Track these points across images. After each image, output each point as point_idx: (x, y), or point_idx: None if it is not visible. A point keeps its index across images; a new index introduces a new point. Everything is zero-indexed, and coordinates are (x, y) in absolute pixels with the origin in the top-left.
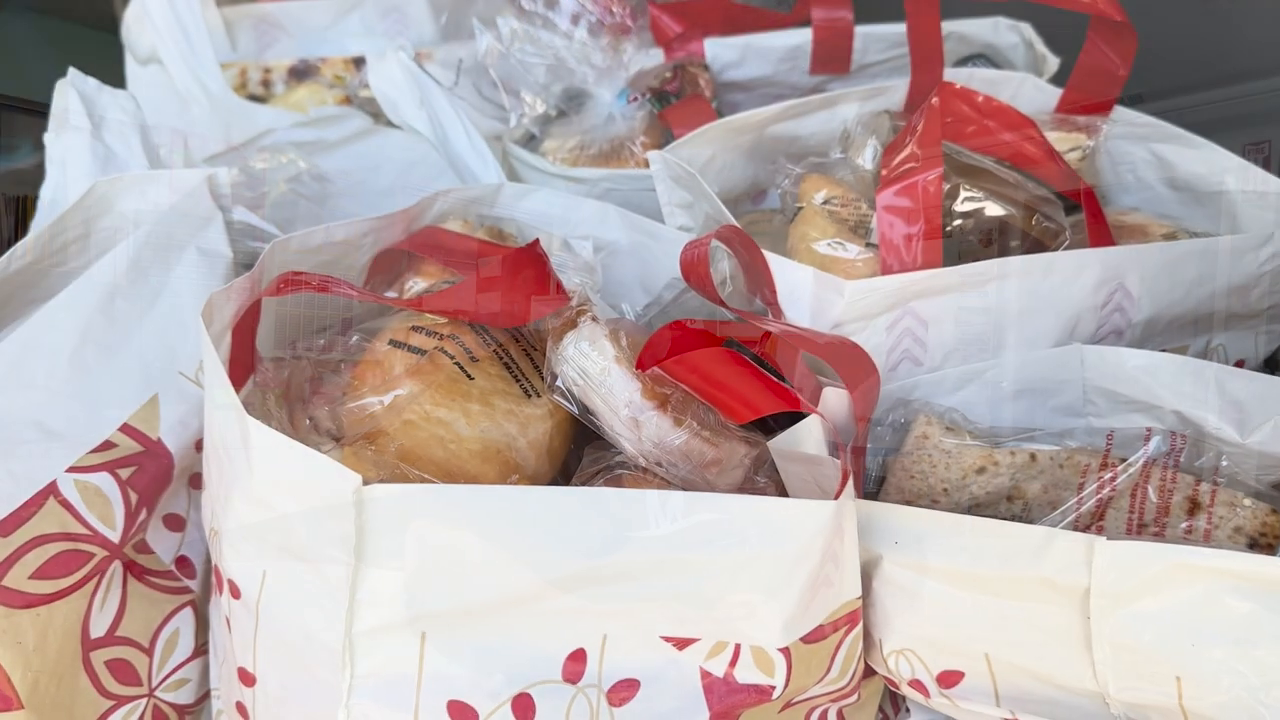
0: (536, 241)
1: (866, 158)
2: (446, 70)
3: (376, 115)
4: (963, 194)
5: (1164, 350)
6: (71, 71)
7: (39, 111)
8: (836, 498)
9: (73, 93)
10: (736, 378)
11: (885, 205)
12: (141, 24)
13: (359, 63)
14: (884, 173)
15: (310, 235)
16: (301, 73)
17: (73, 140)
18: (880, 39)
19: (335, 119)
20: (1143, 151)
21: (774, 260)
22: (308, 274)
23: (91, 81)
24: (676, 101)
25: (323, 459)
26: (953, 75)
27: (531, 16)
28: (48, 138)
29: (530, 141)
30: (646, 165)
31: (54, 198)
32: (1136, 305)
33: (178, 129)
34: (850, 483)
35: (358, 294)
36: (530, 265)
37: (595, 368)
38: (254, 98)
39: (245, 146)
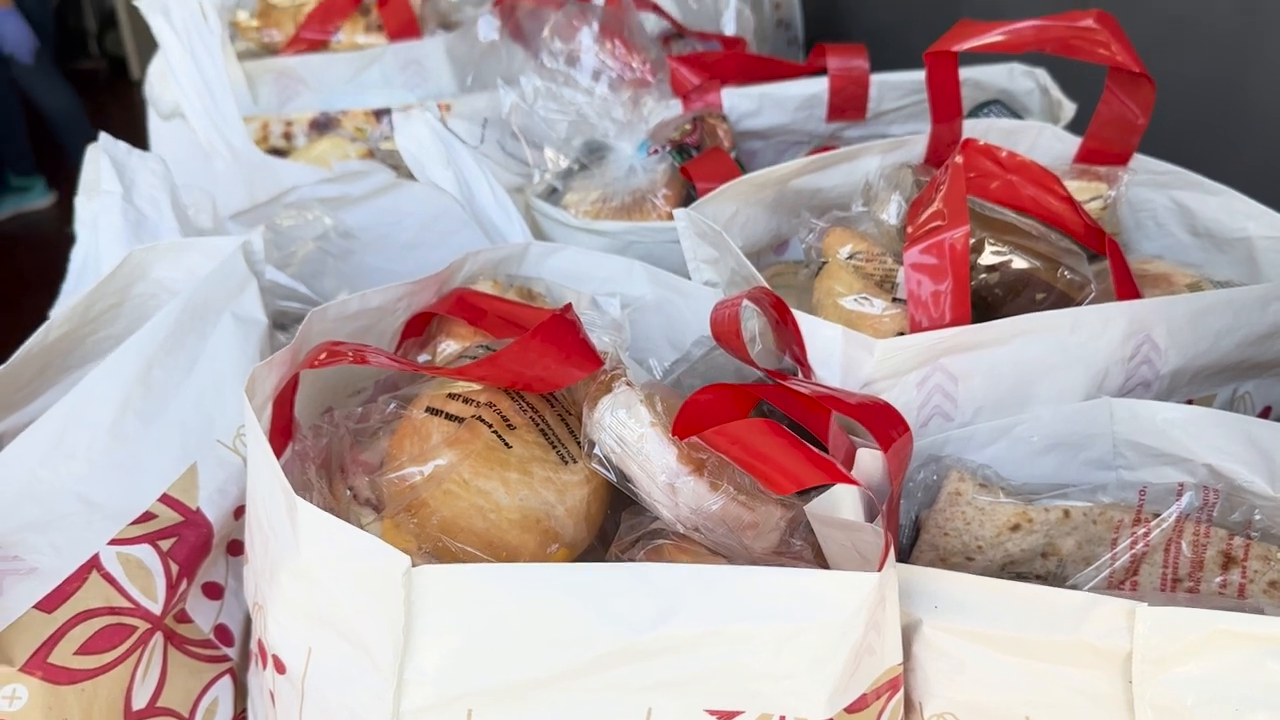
0: (569, 307)
1: (891, 213)
2: (471, 125)
3: (398, 167)
4: (988, 248)
5: (1192, 400)
6: (103, 136)
7: None
8: (880, 569)
9: (104, 157)
10: (777, 449)
11: (912, 263)
12: (165, 80)
13: (380, 115)
14: (910, 229)
15: (347, 303)
16: (323, 125)
17: (104, 204)
18: (896, 86)
19: (358, 174)
20: (1163, 198)
21: (803, 319)
22: (345, 344)
23: (122, 145)
24: (697, 154)
25: (372, 540)
26: (971, 126)
27: (553, 74)
28: (79, 201)
29: (552, 195)
30: (669, 217)
31: (85, 261)
32: (1163, 357)
33: (205, 189)
34: (892, 552)
35: (396, 364)
36: (563, 331)
37: (632, 435)
38: (276, 150)
39: (271, 204)
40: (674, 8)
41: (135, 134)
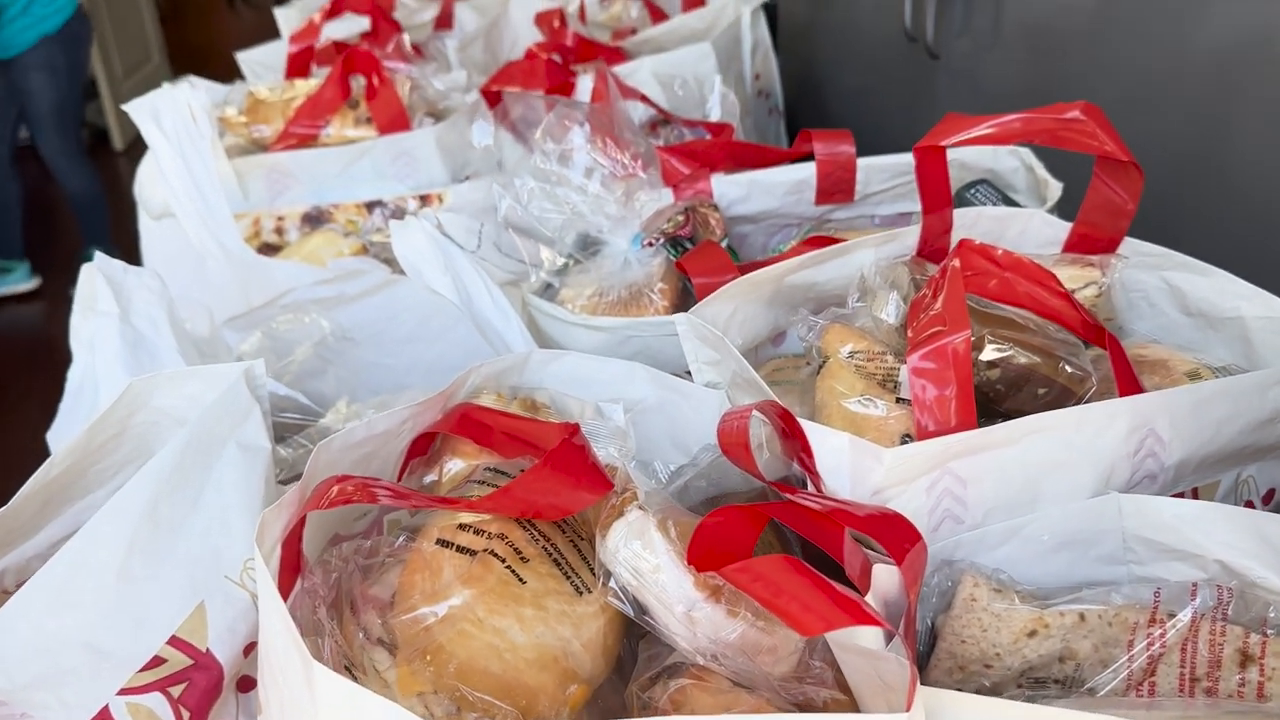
0: (576, 429)
1: (890, 312)
2: (468, 226)
3: (390, 261)
4: (988, 345)
5: (1197, 489)
6: (98, 256)
7: None
8: (908, 708)
9: (99, 277)
10: (802, 589)
11: (916, 368)
12: (154, 180)
13: (371, 206)
14: (911, 333)
15: (352, 432)
16: (315, 219)
17: (101, 325)
18: (882, 169)
19: (354, 274)
20: (1154, 279)
21: (810, 429)
22: (352, 479)
23: (117, 264)
24: (692, 248)
25: (396, 710)
26: (961, 215)
27: (547, 173)
28: (75, 320)
29: (547, 290)
30: (666, 312)
31: (82, 382)
32: (1168, 449)
33: (200, 299)
34: (919, 687)
35: (406, 501)
36: (573, 456)
37: (648, 566)
38: (268, 245)
39: (266, 308)
40: (659, 95)
41: (117, 203)
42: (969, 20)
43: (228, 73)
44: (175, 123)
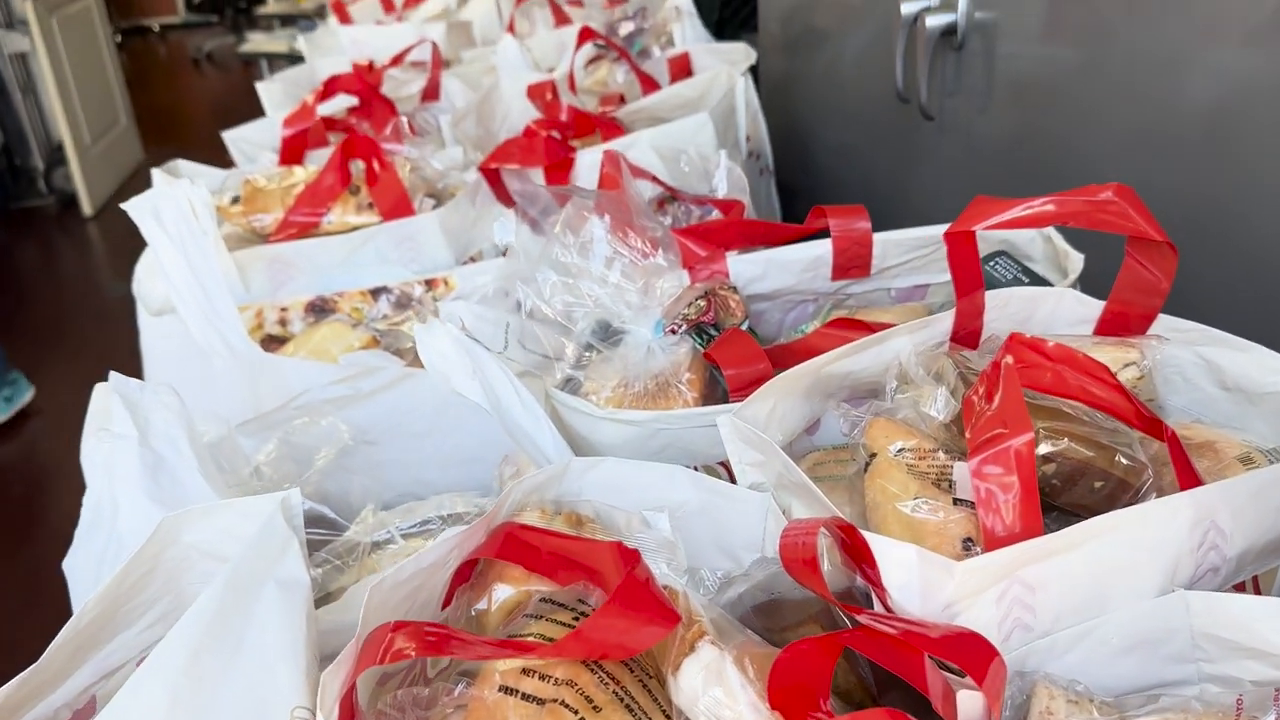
0: (637, 558)
1: (939, 409)
2: (494, 325)
3: (401, 352)
4: (1043, 439)
5: (1257, 577)
6: (113, 375)
7: None
8: None
9: (115, 398)
10: None
11: (979, 472)
12: (153, 276)
13: (376, 293)
14: (970, 434)
15: (401, 569)
16: (319, 309)
17: (119, 450)
18: (898, 244)
19: (368, 371)
20: (1189, 355)
21: (874, 541)
22: (408, 628)
23: (133, 383)
24: (718, 337)
25: None
26: (994, 297)
27: (568, 266)
28: (87, 443)
29: (569, 383)
30: (695, 403)
31: (99, 508)
32: (1229, 541)
33: (210, 401)
34: None
35: (469, 649)
36: (639, 592)
37: (730, 714)
38: (272, 337)
39: (280, 411)
40: (661, 168)
41: (86, 272)
42: (960, 79)
43: (196, 134)
44: (176, 220)
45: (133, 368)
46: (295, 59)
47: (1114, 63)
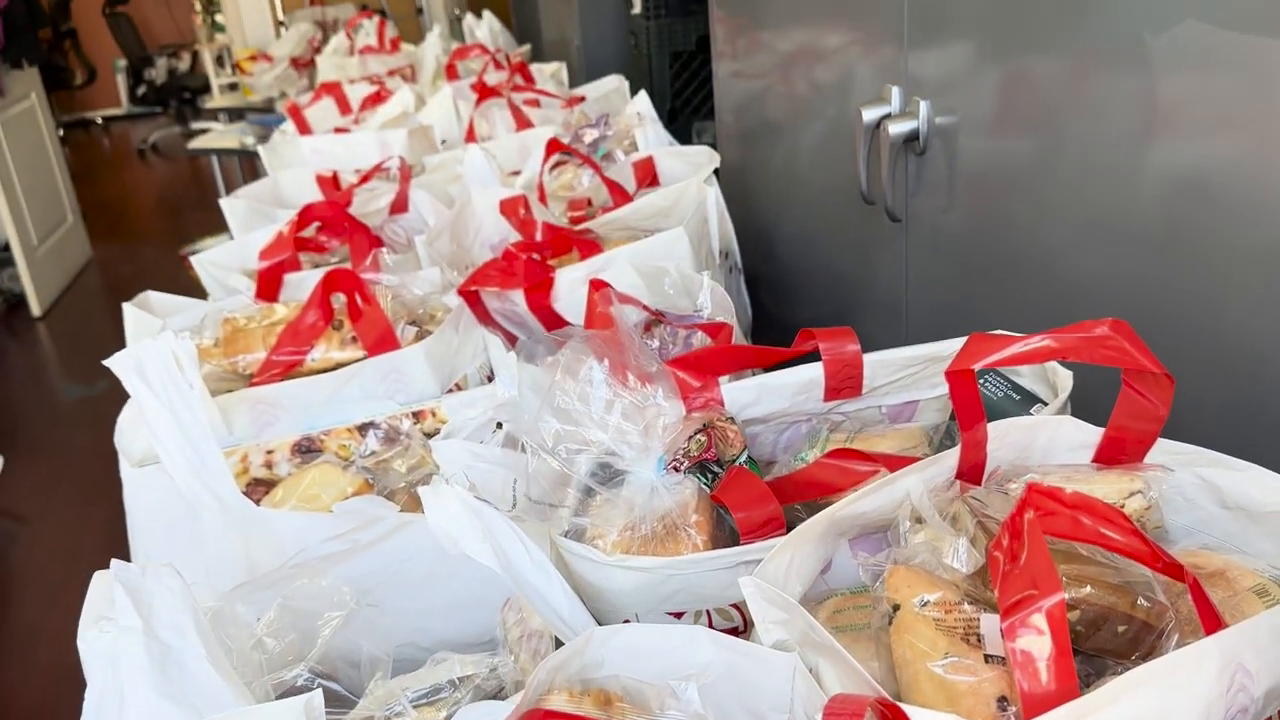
0: None
1: (960, 560)
2: (503, 482)
3: (393, 494)
4: (1066, 586)
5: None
6: (115, 563)
7: None
8: None
9: (117, 586)
10: None
11: (1011, 634)
12: (135, 428)
13: (363, 429)
14: (999, 594)
15: None
16: (306, 450)
17: (124, 641)
18: (887, 364)
19: (365, 522)
20: (1188, 475)
21: (916, 715)
22: None
23: (133, 569)
24: (723, 476)
25: None
26: (995, 429)
27: (569, 413)
28: (86, 634)
29: (574, 528)
30: (704, 547)
31: (102, 702)
32: (1255, 680)
33: (212, 572)
34: None
35: None
36: None
37: None
38: (258, 481)
39: (278, 571)
40: (640, 286)
41: (36, 373)
42: (922, 181)
43: (144, 227)
44: (160, 374)
45: (86, 473)
46: (245, 154)
47: (1067, 155)
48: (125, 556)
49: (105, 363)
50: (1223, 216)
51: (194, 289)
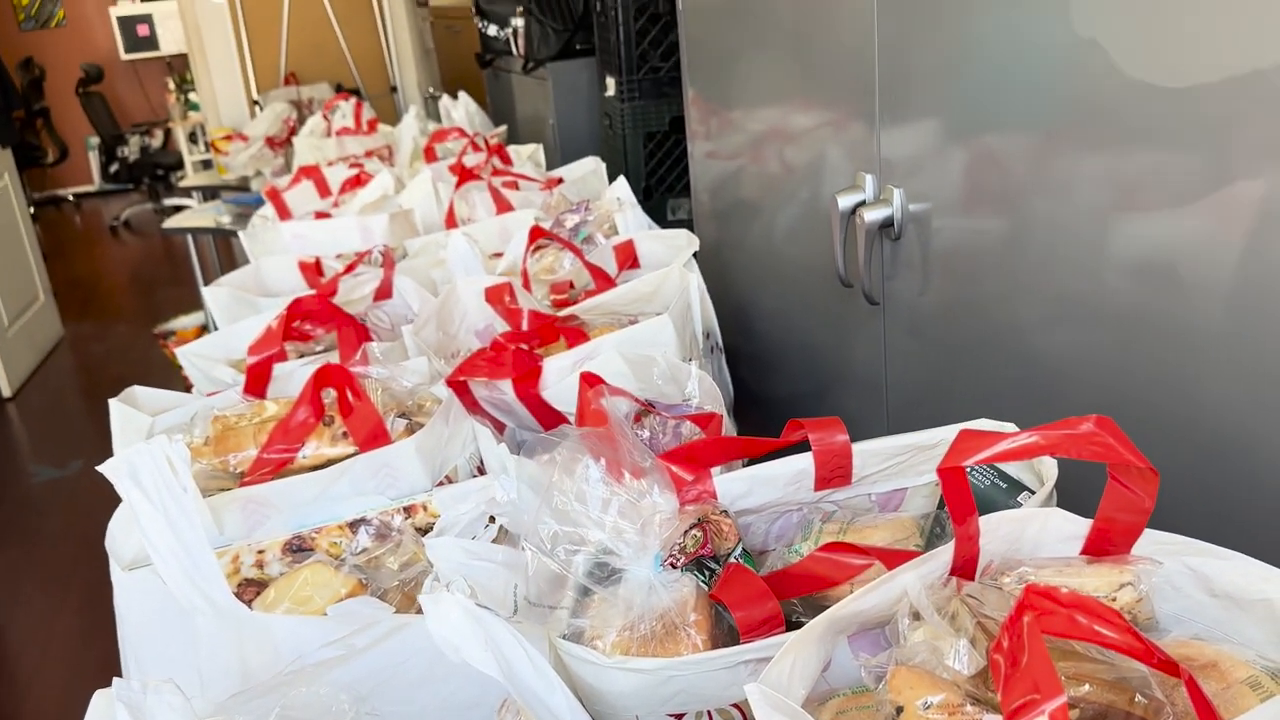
0: None
1: (961, 662)
2: (504, 587)
3: (385, 593)
4: (1065, 685)
5: None
6: (116, 682)
7: None
8: None
9: (119, 706)
10: None
11: None
12: (127, 531)
13: (354, 526)
14: (1002, 697)
15: None
16: (297, 549)
17: None
18: (876, 454)
19: (360, 627)
20: (1175, 564)
21: None
22: None
23: (133, 685)
24: (720, 573)
25: None
26: (986, 522)
27: (566, 514)
28: None
29: (573, 631)
30: (706, 646)
31: None
32: None
33: (220, 703)
34: None
35: None
36: None
37: None
38: (249, 581)
39: (275, 679)
40: (628, 374)
41: (6, 455)
42: (897, 264)
43: (116, 305)
44: (154, 478)
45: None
46: (221, 232)
47: (1036, 236)
48: (100, 651)
49: (99, 469)
50: (1189, 297)
51: (167, 368)
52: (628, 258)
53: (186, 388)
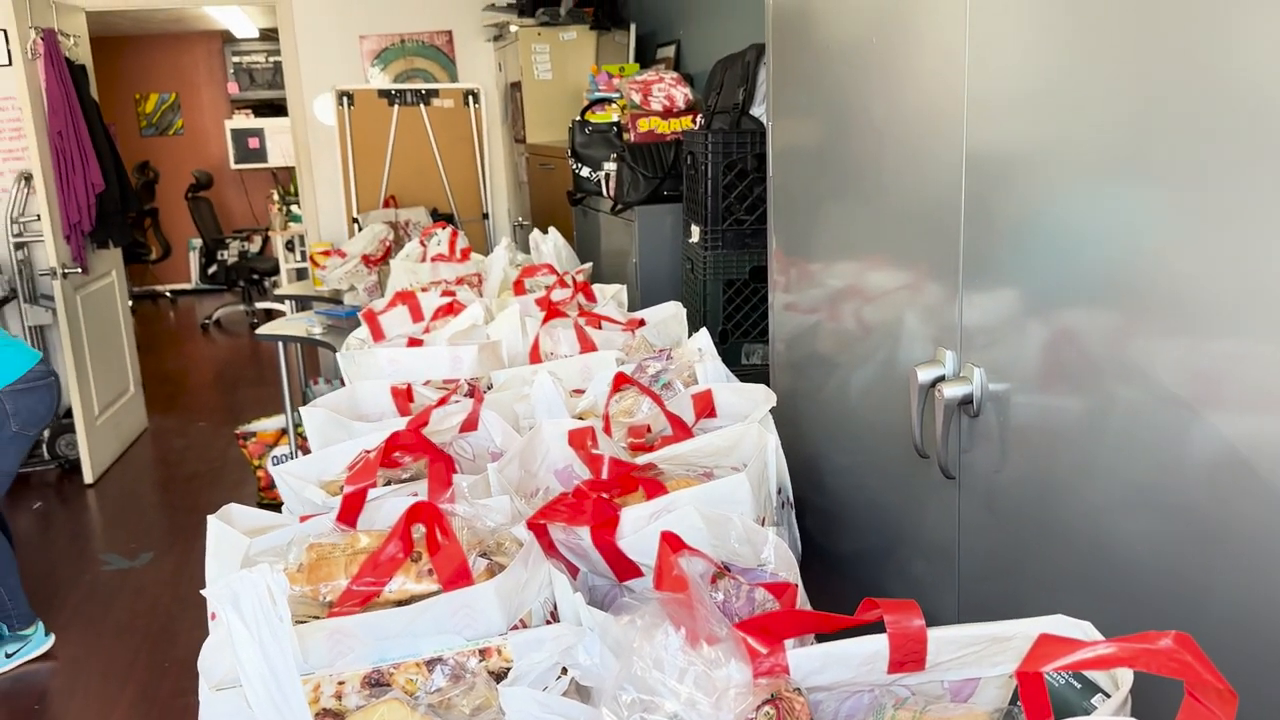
0: None
1: None
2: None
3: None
4: None
5: None
6: None
7: None
8: None
9: None
10: None
11: None
12: (220, 653)
13: (431, 665)
14: None
15: None
16: (375, 683)
17: None
18: (951, 641)
19: None
20: None
21: None
22: None
23: None
24: None
25: None
26: None
27: (644, 681)
28: None
29: None
30: None
31: None
32: None
33: None
34: None
35: None
36: None
37: None
38: (327, 711)
39: None
40: (704, 533)
41: (81, 540)
42: (975, 440)
43: (200, 401)
44: (253, 607)
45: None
46: (311, 342)
47: (1114, 419)
48: None
49: (203, 593)
50: (1270, 502)
51: (244, 467)
52: (705, 407)
53: (260, 488)
